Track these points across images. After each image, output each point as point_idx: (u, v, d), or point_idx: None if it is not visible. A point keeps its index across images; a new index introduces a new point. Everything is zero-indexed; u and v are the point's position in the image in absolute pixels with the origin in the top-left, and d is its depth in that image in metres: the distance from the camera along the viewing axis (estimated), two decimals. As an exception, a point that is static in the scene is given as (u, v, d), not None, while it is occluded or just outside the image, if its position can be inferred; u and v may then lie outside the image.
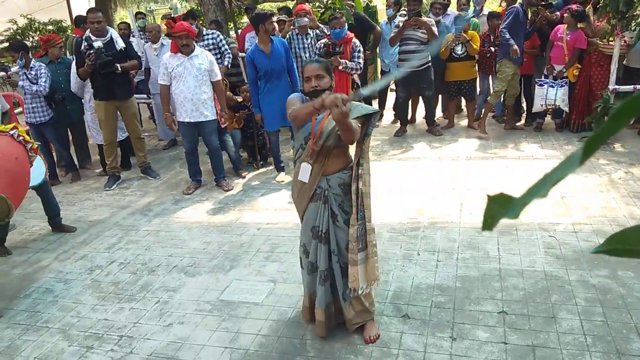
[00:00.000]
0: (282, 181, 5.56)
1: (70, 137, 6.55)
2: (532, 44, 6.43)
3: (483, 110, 6.75)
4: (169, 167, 6.44)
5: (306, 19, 5.82)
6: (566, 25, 6.03)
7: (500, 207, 0.60)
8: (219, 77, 5.33)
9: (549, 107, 6.28)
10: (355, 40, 5.49)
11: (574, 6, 6.02)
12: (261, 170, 6.02)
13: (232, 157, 5.84)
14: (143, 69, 6.82)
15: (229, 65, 6.41)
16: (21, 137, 3.56)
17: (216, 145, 5.44)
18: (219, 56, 6.31)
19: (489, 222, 0.61)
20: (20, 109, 7.28)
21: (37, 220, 5.02)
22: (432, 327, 2.93)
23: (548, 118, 6.74)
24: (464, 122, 7.21)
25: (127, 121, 5.83)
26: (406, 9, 6.58)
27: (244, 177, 5.76)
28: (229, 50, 6.44)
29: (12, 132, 3.55)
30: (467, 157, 5.81)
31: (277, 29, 6.73)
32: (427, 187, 5.00)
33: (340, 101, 2.22)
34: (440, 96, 7.29)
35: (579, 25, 5.94)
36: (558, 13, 6.36)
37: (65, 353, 3.01)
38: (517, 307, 3.04)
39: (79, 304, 3.53)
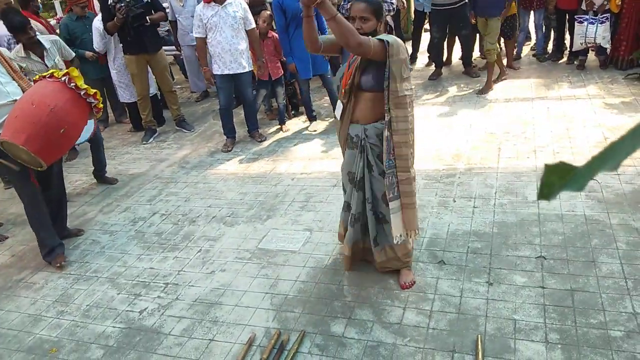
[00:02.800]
0: (315, 130, 5.54)
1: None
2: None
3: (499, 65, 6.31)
4: (203, 119, 6.50)
5: None
6: None
7: (560, 177, 0.55)
8: (254, 24, 5.22)
9: (589, 45, 5.96)
10: (387, -21, 5.25)
11: None
12: (293, 119, 6.00)
13: (280, 109, 5.69)
14: (169, 21, 6.76)
15: None
16: (73, 84, 3.27)
17: (251, 97, 5.41)
18: None
19: (545, 193, 0.56)
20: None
21: (80, 174, 5.20)
22: (468, 273, 2.94)
23: (591, 55, 6.40)
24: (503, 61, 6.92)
25: (158, 75, 5.85)
26: None
27: (287, 130, 5.62)
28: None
29: (63, 78, 3.26)
30: (506, 99, 5.61)
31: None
32: (464, 132, 4.89)
33: None
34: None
35: None
36: None
37: (115, 300, 3.18)
38: (556, 252, 3.01)
39: (125, 254, 3.70)
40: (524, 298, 2.69)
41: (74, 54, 4.98)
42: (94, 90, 3.44)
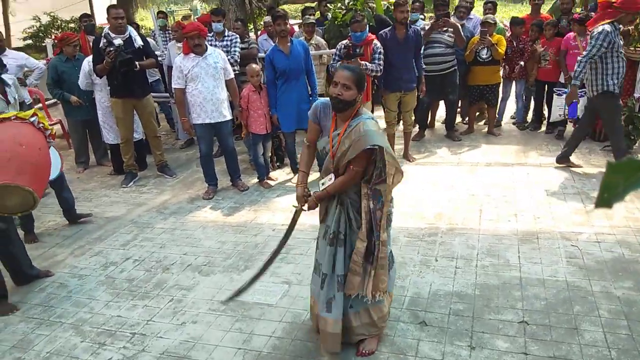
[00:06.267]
0: (298, 183, 5.51)
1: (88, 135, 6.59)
2: (557, 51, 6.31)
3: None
4: (186, 166, 6.45)
5: None
6: (576, 34, 5.98)
7: (627, 176, 0.46)
8: (232, 74, 5.30)
9: (567, 117, 6.18)
10: (376, 41, 5.43)
11: (576, 15, 6.12)
12: (277, 171, 5.98)
13: (259, 163, 5.50)
14: (166, 67, 6.84)
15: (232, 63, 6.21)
16: (41, 125, 3.42)
17: (233, 146, 5.40)
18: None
19: (605, 198, 0.48)
20: (40, 105, 7.37)
21: (54, 215, 5.04)
22: (450, 335, 2.86)
23: (570, 126, 6.61)
24: (485, 128, 7.11)
25: (144, 120, 5.83)
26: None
27: (268, 187, 5.46)
28: (238, 54, 6.33)
29: (32, 119, 3.39)
30: (487, 164, 5.71)
31: (293, 30, 6.69)
32: (446, 193, 4.92)
33: (302, 201, 2.69)
34: (459, 101, 7.19)
35: None
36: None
37: (77, 349, 2.99)
38: (539, 317, 2.96)
39: (93, 299, 3.52)
40: (506, 364, 2.61)
41: (24, 98, 4.68)
42: (54, 131, 3.59)
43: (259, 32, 9.14)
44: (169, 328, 3.13)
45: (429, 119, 7.16)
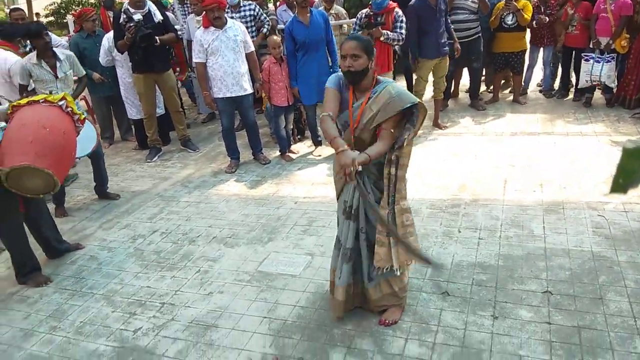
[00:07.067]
0: (320, 155, 5.52)
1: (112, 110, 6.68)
2: (585, 15, 6.09)
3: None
4: (208, 140, 6.50)
5: None
6: None
7: None
8: (253, 47, 5.28)
9: (594, 82, 6.01)
10: (397, 9, 5.31)
11: None
12: (298, 144, 5.99)
13: (281, 135, 5.52)
14: (185, 41, 6.84)
15: (267, 32, 6.28)
16: (69, 109, 3.45)
17: (254, 119, 5.41)
18: (254, 28, 6.25)
19: (620, 183, 0.47)
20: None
21: (82, 189, 5.17)
22: (472, 305, 2.87)
23: (598, 93, 6.43)
24: (510, 97, 6.96)
25: (165, 94, 5.87)
26: None
27: (290, 160, 5.48)
28: (268, 20, 6.36)
29: (61, 103, 3.42)
30: (512, 133, 5.61)
31: (313, 0, 6.61)
32: (469, 163, 4.86)
33: (350, 166, 2.30)
34: (484, 69, 7.02)
35: None
36: None
37: (109, 318, 3.11)
38: (563, 287, 2.94)
39: (122, 271, 3.63)
40: (529, 333, 2.62)
41: (84, 72, 4.89)
42: (84, 116, 3.59)
43: (277, 3, 9.04)
44: (196, 298, 3.22)
45: (453, 87, 7.04)
